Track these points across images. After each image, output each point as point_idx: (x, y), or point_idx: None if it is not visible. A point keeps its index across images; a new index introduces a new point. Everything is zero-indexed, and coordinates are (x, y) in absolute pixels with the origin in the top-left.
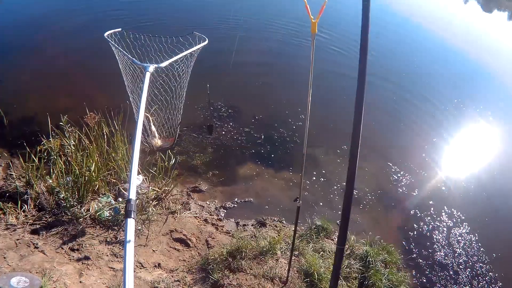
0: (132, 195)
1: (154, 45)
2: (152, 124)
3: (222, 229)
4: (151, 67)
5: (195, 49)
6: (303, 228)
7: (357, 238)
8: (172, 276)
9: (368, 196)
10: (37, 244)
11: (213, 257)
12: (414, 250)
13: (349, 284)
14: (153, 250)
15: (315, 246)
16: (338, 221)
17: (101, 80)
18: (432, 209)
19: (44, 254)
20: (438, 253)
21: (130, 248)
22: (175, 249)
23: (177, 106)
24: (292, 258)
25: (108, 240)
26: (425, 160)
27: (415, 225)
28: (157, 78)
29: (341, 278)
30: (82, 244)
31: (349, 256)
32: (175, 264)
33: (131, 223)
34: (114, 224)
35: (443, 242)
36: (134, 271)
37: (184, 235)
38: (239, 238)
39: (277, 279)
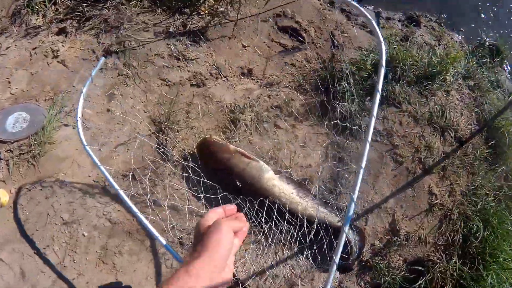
0: None
1: None
2: None
3: (356, 20)
4: None
5: None
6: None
7: None
8: (269, 97)
9: None
10: (58, 50)
11: (344, 70)
12: None
13: None
14: (243, 46)
15: (489, 77)
16: None
17: None
18: None
19: (64, 65)
20: None
21: None
22: (280, 44)
23: None
24: (466, 92)
25: (171, 31)
26: None
27: None
28: None
29: None
30: (123, 42)
31: None
32: (277, 70)
33: None
34: (185, 6)
35: None
36: (203, 84)
37: (296, 22)
38: (391, 43)
39: (451, 131)
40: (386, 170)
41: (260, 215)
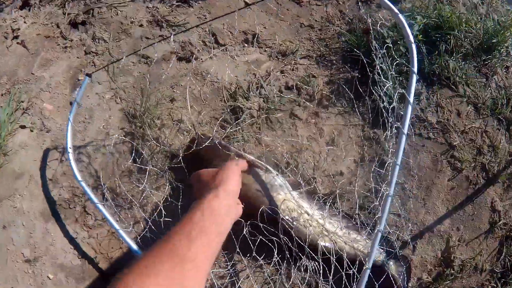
0: None
1: None
2: None
3: None
4: None
5: None
6: None
7: None
8: (282, 73)
9: None
10: (18, 29)
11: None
12: None
13: None
14: (246, 4)
15: None
16: None
17: None
18: None
19: (25, 47)
20: None
21: None
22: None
23: None
24: None
25: None
26: None
27: None
28: None
29: None
30: (92, 10)
31: None
32: (291, 35)
33: None
34: None
35: None
36: (193, 58)
37: None
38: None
39: None
40: (441, 181)
41: (273, 248)
